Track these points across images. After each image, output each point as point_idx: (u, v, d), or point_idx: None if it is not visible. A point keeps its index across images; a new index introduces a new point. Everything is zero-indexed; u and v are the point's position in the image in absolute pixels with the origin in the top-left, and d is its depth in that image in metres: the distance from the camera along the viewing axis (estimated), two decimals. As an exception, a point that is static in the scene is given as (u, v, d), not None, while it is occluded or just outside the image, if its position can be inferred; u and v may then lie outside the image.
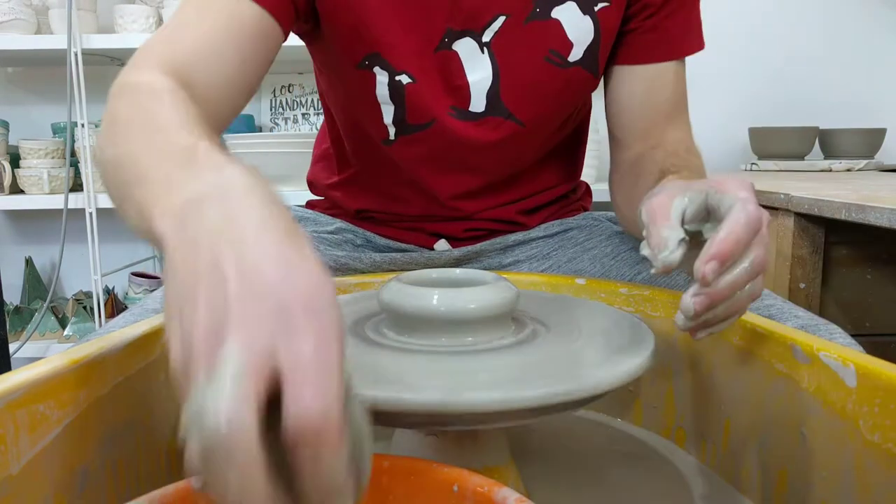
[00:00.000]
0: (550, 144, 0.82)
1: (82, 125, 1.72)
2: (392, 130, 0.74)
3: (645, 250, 0.44)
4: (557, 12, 0.69)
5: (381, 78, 0.70)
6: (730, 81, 2.00)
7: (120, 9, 1.76)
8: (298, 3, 0.65)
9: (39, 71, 2.02)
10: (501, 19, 0.69)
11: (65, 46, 1.66)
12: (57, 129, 1.94)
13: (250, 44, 0.61)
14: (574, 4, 0.69)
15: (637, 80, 0.75)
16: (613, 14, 0.71)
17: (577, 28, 0.70)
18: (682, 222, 0.45)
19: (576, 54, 0.71)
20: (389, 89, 0.70)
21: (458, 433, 0.44)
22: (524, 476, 0.50)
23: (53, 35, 1.75)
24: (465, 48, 0.70)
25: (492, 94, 0.72)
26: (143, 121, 0.45)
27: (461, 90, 0.71)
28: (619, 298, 0.64)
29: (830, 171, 1.77)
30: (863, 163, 1.78)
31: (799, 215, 1.13)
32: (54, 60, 1.77)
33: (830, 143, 1.86)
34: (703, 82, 1.90)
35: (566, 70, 0.71)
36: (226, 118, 0.62)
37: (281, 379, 0.24)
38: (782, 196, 1.14)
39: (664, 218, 0.45)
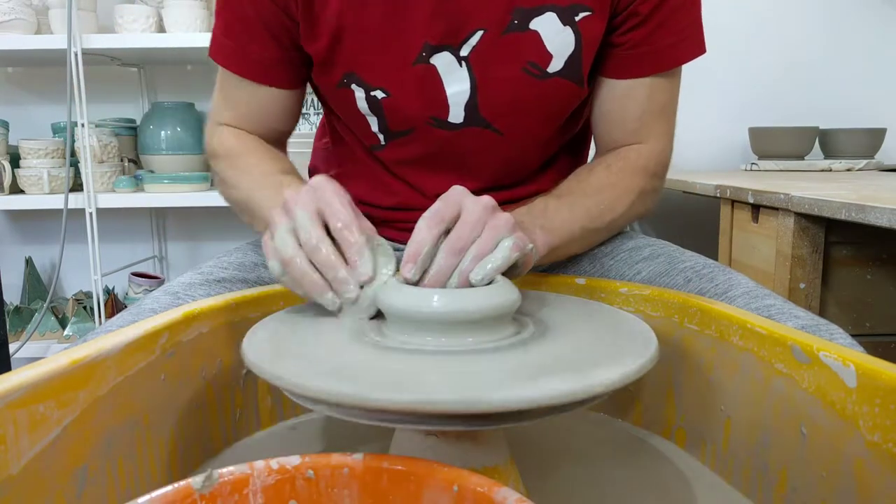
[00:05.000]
0: (550, 151, 0.81)
1: (82, 125, 1.72)
2: (381, 137, 0.76)
3: None
4: (536, 23, 0.69)
5: (359, 93, 0.72)
6: (730, 81, 2.00)
7: (120, 9, 1.76)
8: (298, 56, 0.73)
9: (39, 71, 2.03)
10: (479, 34, 0.69)
11: (65, 46, 1.66)
12: (57, 129, 1.94)
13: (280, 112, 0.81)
14: (554, 15, 0.68)
15: (614, 94, 0.74)
16: (596, 23, 0.69)
17: (557, 39, 0.69)
18: None
19: (556, 65, 0.70)
20: (368, 103, 0.73)
21: (458, 433, 0.44)
22: (524, 476, 0.50)
23: (53, 35, 1.75)
24: (443, 62, 0.70)
25: (470, 107, 0.72)
26: (243, 172, 0.76)
27: (440, 102, 0.72)
28: (619, 298, 0.64)
29: (830, 171, 1.77)
30: (863, 163, 1.78)
31: (799, 215, 1.13)
32: (54, 60, 1.77)
33: (830, 143, 1.86)
34: (703, 82, 1.89)
35: (545, 81, 0.71)
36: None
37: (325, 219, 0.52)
38: (782, 196, 1.14)
39: None
